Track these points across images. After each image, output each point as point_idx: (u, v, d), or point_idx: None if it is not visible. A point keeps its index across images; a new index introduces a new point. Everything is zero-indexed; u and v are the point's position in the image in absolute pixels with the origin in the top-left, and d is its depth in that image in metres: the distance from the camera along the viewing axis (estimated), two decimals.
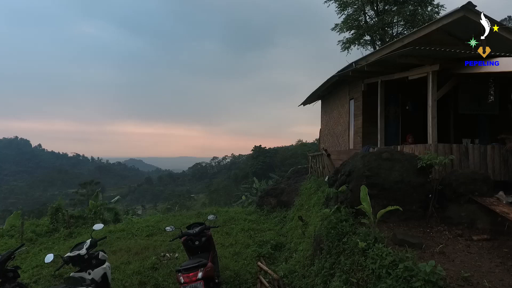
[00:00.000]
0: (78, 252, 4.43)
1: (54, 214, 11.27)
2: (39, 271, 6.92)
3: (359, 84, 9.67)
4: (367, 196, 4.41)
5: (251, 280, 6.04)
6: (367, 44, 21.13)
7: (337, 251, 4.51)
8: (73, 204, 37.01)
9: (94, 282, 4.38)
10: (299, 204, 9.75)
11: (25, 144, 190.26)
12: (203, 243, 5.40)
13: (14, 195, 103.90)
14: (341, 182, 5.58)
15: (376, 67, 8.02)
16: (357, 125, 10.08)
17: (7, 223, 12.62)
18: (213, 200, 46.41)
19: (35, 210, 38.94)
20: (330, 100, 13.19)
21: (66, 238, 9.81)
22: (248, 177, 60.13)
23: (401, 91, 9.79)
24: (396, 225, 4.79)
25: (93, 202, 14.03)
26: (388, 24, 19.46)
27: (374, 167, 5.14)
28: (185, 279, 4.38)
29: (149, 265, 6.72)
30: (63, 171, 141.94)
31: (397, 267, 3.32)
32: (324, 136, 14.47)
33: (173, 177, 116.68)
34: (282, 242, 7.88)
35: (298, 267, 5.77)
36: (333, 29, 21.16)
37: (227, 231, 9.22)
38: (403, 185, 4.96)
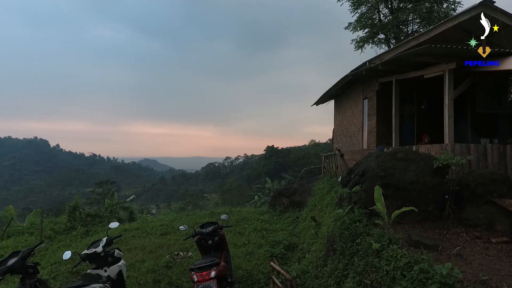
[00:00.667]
0: (94, 249, 4.52)
1: (71, 212, 11.55)
2: (57, 268, 7.10)
3: (373, 83, 9.55)
4: (381, 197, 4.35)
5: (264, 280, 6.04)
6: (381, 43, 20.83)
7: (350, 252, 4.47)
8: (89, 203, 37.94)
9: (110, 279, 4.47)
10: (312, 205, 9.70)
11: (44, 144, 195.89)
12: (216, 243, 5.43)
13: (33, 194, 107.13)
14: (354, 183, 5.52)
15: (391, 65, 7.90)
16: (371, 125, 9.95)
17: (27, 220, 13.02)
18: (226, 200, 46.67)
19: (53, 209, 40.10)
20: (344, 99, 13.06)
21: (83, 236, 10.04)
22: (260, 177, 60.21)
23: (416, 90, 9.62)
24: (411, 226, 4.71)
25: (109, 201, 14.35)
26: (403, 22, 19.12)
27: (388, 167, 5.07)
28: (198, 277, 4.41)
29: (163, 264, 6.80)
30: (80, 171, 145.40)
31: (412, 269, 3.26)
32: (337, 136, 14.35)
33: (186, 177, 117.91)
34: (295, 243, 7.85)
35: (311, 267, 5.74)
36: (346, 28, 20.94)
37: (240, 231, 9.24)
38: (419, 186, 4.87)
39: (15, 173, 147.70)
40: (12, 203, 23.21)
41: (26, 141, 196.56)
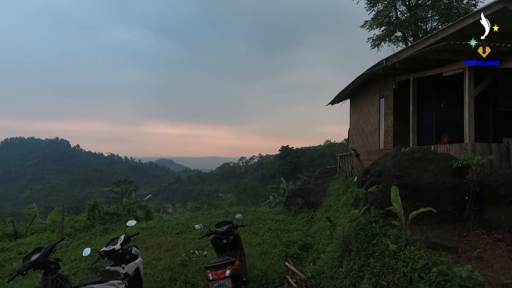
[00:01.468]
0: (113, 247, 4.63)
1: (91, 211, 11.88)
2: (77, 264, 7.32)
3: (389, 82, 9.39)
4: (398, 197, 4.27)
5: (278, 280, 6.03)
6: (399, 41, 20.42)
7: (366, 253, 4.41)
8: (108, 202, 38.86)
9: (127, 276, 4.56)
10: (327, 205, 9.61)
11: (65, 144, 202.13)
12: (231, 242, 5.45)
13: (55, 193, 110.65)
14: (370, 183, 5.44)
15: (408, 64, 7.74)
16: (387, 125, 9.78)
17: (49, 218, 13.48)
18: (240, 199, 46.81)
19: (73, 207, 41.25)
20: (359, 99, 12.89)
21: (102, 234, 10.30)
22: (275, 177, 60.15)
23: (435, 89, 9.39)
24: (429, 227, 4.61)
25: (126, 200, 14.66)
26: (421, 19, 18.68)
27: (405, 167, 4.97)
28: (213, 276, 4.45)
29: (179, 262, 6.89)
30: (99, 170, 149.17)
31: (430, 271, 3.19)
32: (353, 136, 14.17)
33: (201, 177, 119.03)
34: (310, 243, 7.80)
35: (326, 268, 5.69)
36: (362, 26, 20.64)
37: (255, 231, 9.26)
38: (437, 186, 4.75)
39: (38, 173, 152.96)
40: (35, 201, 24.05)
41: (48, 142, 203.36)
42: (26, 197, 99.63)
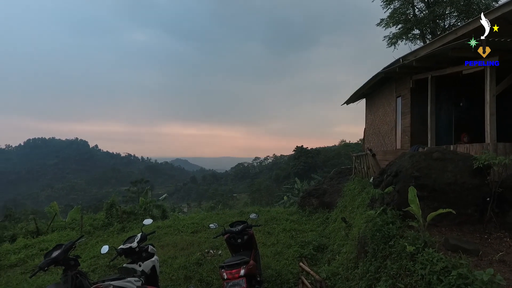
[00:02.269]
0: (130, 245, 4.72)
1: (109, 209, 12.15)
2: (96, 261, 7.50)
3: (406, 81, 9.20)
4: (415, 198, 4.18)
5: (293, 280, 6.01)
6: (416, 39, 19.98)
7: (383, 254, 4.33)
8: (125, 201, 39.63)
9: (144, 273, 4.64)
10: (342, 206, 9.50)
11: (84, 145, 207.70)
12: (245, 241, 5.47)
13: (74, 192, 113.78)
14: (387, 183, 5.34)
15: (426, 62, 7.57)
16: (404, 124, 9.59)
17: (69, 216, 13.89)
18: (255, 199, 46.87)
19: (92, 206, 42.30)
20: (375, 98, 12.69)
21: (119, 232, 10.52)
22: (289, 178, 59.91)
23: (454, 87, 9.14)
24: (448, 229, 4.49)
25: (143, 199, 14.94)
26: (440, 16, 18.22)
27: (423, 168, 4.86)
28: (228, 275, 4.47)
29: (194, 261, 6.97)
30: (117, 170, 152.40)
31: (449, 274, 3.11)
32: (368, 136, 13.96)
33: (216, 177, 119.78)
34: (325, 244, 7.73)
35: (342, 269, 5.63)
36: (378, 24, 20.31)
37: (269, 231, 9.25)
38: (457, 187, 4.62)
39: (58, 172, 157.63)
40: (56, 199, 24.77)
41: (68, 142, 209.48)
42: (47, 195, 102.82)
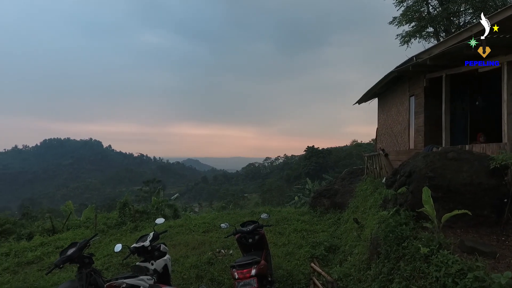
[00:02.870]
0: (142, 243, 4.78)
1: (122, 208, 12.33)
2: (109, 260, 7.63)
3: (420, 80, 9.04)
4: (430, 199, 4.10)
5: (304, 281, 5.98)
6: (430, 37, 19.60)
7: (396, 256, 4.27)
8: (138, 200, 40.19)
9: (156, 272, 4.69)
10: (354, 206, 9.41)
11: (98, 145, 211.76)
12: (256, 241, 5.47)
13: (88, 191, 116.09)
14: (400, 184, 5.27)
15: (441, 60, 7.42)
16: (418, 124, 9.43)
17: (83, 215, 14.16)
18: (266, 200, 46.81)
19: (106, 205, 43.07)
20: (388, 97, 12.52)
21: (132, 231, 10.66)
22: (300, 178, 59.64)
23: (469, 85, 8.94)
24: (464, 231, 4.39)
25: (155, 199, 15.11)
26: (454, 13, 17.84)
27: (438, 168, 4.77)
28: (239, 275, 4.48)
29: (206, 260, 7.01)
30: (130, 170, 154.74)
31: (465, 276, 3.04)
32: (381, 136, 13.79)
33: (227, 177, 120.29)
34: (336, 244, 7.67)
35: (354, 270, 5.57)
36: (390, 22, 20.00)
37: (280, 231, 9.23)
38: (473, 188, 4.52)
39: (73, 172, 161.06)
40: (71, 198, 25.33)
41: (82, 142, 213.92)
42: (63, 194, 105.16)
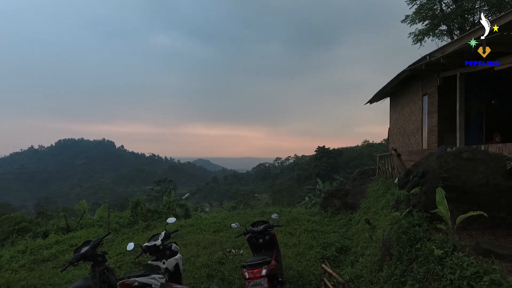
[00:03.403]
0: (154, 242, 4.83)
1: (134, 208, 12.49)
2: (122, 258, 7.73)
3: (433, 79, 8.89)
4: (444, 200, 4.02)
5: (315, 281, 5.94)
6: (443, 35, 19.26)
7: (409, 257, 4.20)
8: (149, 200, 40.66)
9: (167, 271, 4.73)
10: (365, 207, 9.30)
11: (110, 145, 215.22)
12: (266, 241, 5.47)
13: (102, 190, 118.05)
14: (413, 184, 5.18)
15: (455, 58, 7.27)
16: (431, 123, 9.27)
17: (96, 214, 14.39)
18: (276, 200, 46.73)
19: (118, 204, 43.70)
20: (400, 96, 12.34)
21: (144, 230, 10.78)
22: (311, 178, 59.32)
23: (485, 84, 8.74)
24: (479, 233, 4.29)
25: (166, 198, 15.24)
26: (468, 10, 17.47)
27: (452, 168, 4.67)
28: (249, 275, 4.48)
29: (216, 260, 7.03)
30: (141, 170, 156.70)
31: (481, 279, 2.98)
32: (393, 136, 13.60)
33: (237, 177, 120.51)
34: (347, 245, 7.59)
35: (365, 272, 5.51)
36: (403, 21, 19.75)
37: (290, 231, 9.19)
38: (489, 189, 4.42)
39: (87, 171, 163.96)
40: (85, 198, 25.79)
41: (96, 143, 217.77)
42: (76, 194, 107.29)
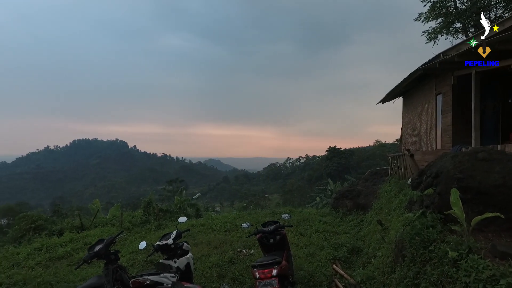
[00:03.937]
0: (166, 241, 4.89)
1: (146, 207, 12.66)
2: (134, 257, 7.85)
3: (447, 77, 8.71)
4: (458, 201, 3.94)
5: (326, 282, 5.89)
6: (458, 32, 18.85)
7: (422, 259, 4.13)
8: (161, 199, 41.07)
9: (179, 270, 4.78)
10: (377, 208, 9.19)
11: (123, 145, 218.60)
12: (277, 241, 5.46)
13: (114, 190, 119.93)
14: (426, 185, 5.09)
15: (470, 56, 7.10)
16: (445, 123, 9.09)
17: (110, 213, 14.65)
18: (287, 200, 46.62)
19: (131, 203, 44.35)
20: (414, 96, 12.14)
21: (156, 229, 10.91)
22: (322, 179, 58.96)
23: (501, 83, 8.52)
24: (495, 235, 4.18)
25: (178, 198, 15.42)
26: (484, 7, 17.05)
27: (467, 169, 4.57)
28: (260, 275, 4.48)
29: (227, 259, 7.06)
30: (153, 170, 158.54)
31: (497, 282, 2.91)
32: (406, 136, 13.39)
33: (248, 177, 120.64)
34: (359, 247, 7.52)
35: (377, 273, 5.44)
36: (416, 19, 19.42)
37: (301, 232, 9.16)
38: (506, 190, 4.30)
39: (100, 171, 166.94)
40: (98, 197, 26.29)
41: (109, 143, 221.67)
42: (90, 193, 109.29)
